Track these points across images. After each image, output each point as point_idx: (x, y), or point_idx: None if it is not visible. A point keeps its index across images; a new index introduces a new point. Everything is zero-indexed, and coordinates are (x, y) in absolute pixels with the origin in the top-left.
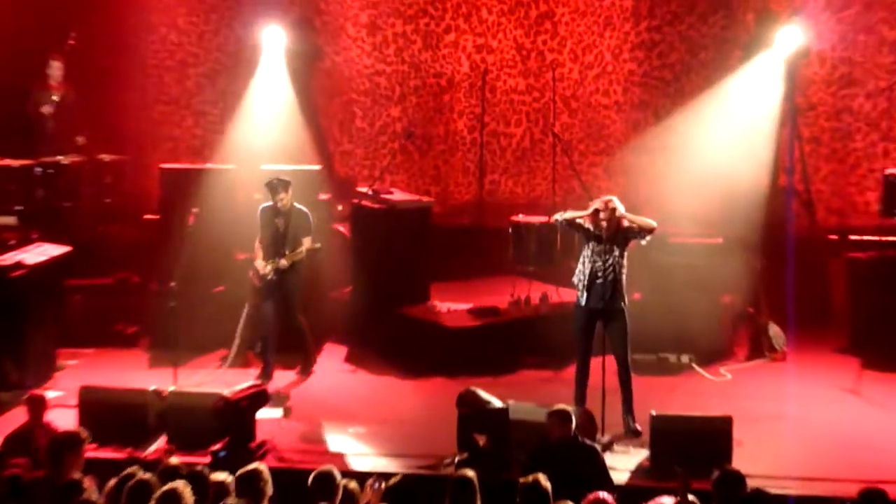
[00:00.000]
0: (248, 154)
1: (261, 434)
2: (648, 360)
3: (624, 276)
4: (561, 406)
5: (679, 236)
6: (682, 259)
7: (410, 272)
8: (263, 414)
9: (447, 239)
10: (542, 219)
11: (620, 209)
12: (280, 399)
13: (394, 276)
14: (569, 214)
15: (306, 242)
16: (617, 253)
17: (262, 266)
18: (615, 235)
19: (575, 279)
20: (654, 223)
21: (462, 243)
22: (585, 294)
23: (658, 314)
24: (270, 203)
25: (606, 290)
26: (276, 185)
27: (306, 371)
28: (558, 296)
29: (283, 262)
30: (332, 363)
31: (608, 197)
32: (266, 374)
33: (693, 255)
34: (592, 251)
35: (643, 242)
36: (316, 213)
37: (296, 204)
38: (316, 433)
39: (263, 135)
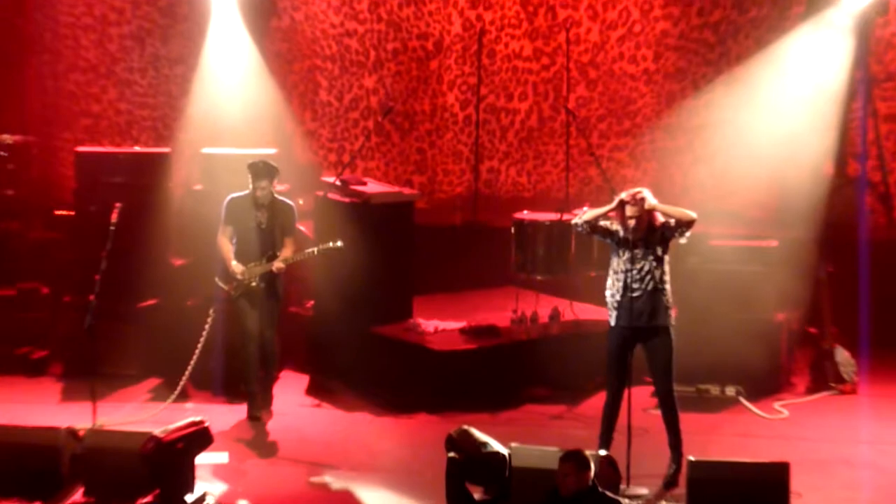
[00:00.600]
0: (186, 135)
1: (201, 485)
2: (685, 392)
3: (667, 285)
4: (576, 450)
5: (722, 238)
6: (725, 266)
7: (388, 282)
8: (205, 459)
9: (434, 241)
10: (553, 216)
11: (651, 201)
12: (226, 440)
13: (368, 286)
14: (590, 215)
15: (290, 244)
16: (653, 257)
17: (241, 270)
18: (649, 236)
19: (607, 294)
20: (692, 214)
21: (453, 247)
22: (617, 312)
23: (696, 336)
24: (244, 193)
25: (645, 305)
26: (260, 170)
27: (267, 405)
28: (572, 312)
29: (279, 265)
30: (290, 396)
31: (636, 188)
32: (256, 408)
33: (740, 261)
34: (623, 259)
35: (682, 240)
36: None
37: (278, 195)
38: (270, 484)
39: (205, 111)
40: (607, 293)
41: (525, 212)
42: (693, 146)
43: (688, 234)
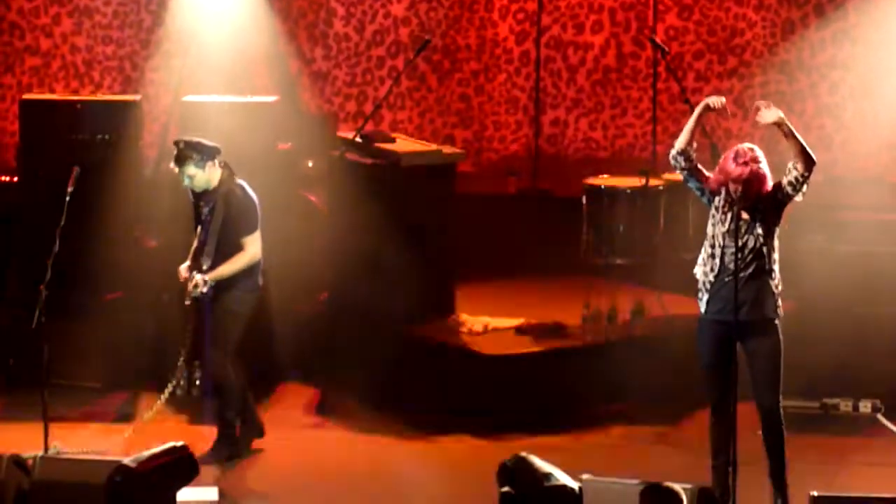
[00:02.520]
0: (161, 78)
1: None
2: (807, 409)
3: (776, 266)
4: (662, 483)
5: (855, 211)
6: (857, 248)
7: (424, 268)
8: (188, 495)
9: (483, 214)
10: (636, 182)
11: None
12: (215, 471)
13: (397, 274)
14: (682, 138)
15: (249, 245)
16: (763, 230)
17: (182, 273)
18: (759, 202)
19: (697, 272)
20: (811, 155)
21: (506, 222)
22: (709, 297)
23: (820, 337)
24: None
25: (747, 292)
26: (178, 155)
27: (220, 454)
28: (662, 307)
29: (199, 282)
30: (293, 414)
31: (747, 145)
32: (248, 433)
33: (877, 241)
34: (723, 229)
35: (799, 197)
36: (271, 175)
37: (237, 181)
38: None
39: (186, 46)
40: (697, 270)
41: (601, 176)
42: (817, 91)
43: (805, 187)
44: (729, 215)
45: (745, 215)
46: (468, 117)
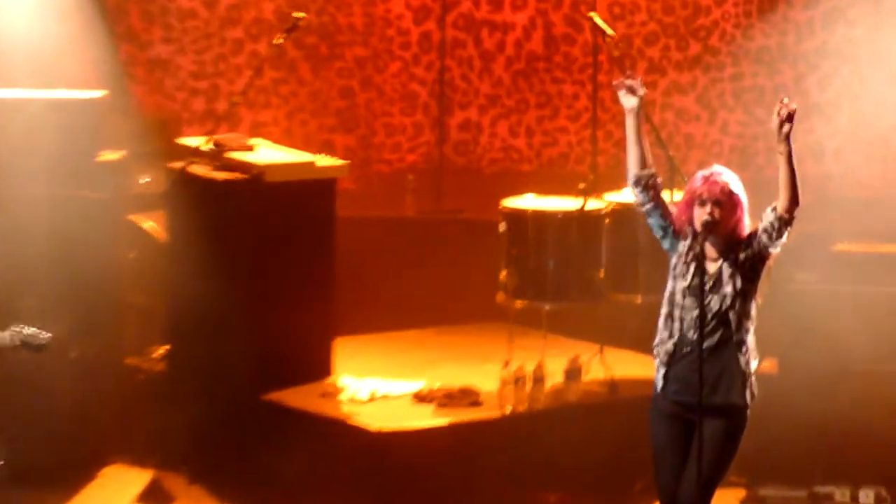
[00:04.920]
0: None
1: None
2: (791, 499)
3: (750, 335)
4: None
5: (851, 241)
6: (856, 287)
7: (293, 316)
8: None
9: (371, 244)
10: (571, 203)
11: (740, 195)
12: None
13: (256, 321)
14: (631, 162)
15: None
16: (730, 288)
17: None
18: (731, 249)
19: (656, 341)
20: (798, 192)
21: (402, 254)
22: (666, 373)
23: (809, 404)
24: None
25: (709, 368)
26: None
27: None
28: (604, 365)
29: None
30: None
31: (715, 169)
32: None
33: (881, 279)
34: (683, 284)
35: (774, 249)
36: (92, 193)
37: None
38: None
39: None
40: (657, 337)
41: (525, 196)
42: (804, 86)
43: (785, 236)
44: (692, 267)
45: (709, 266)
46: (352, 118)
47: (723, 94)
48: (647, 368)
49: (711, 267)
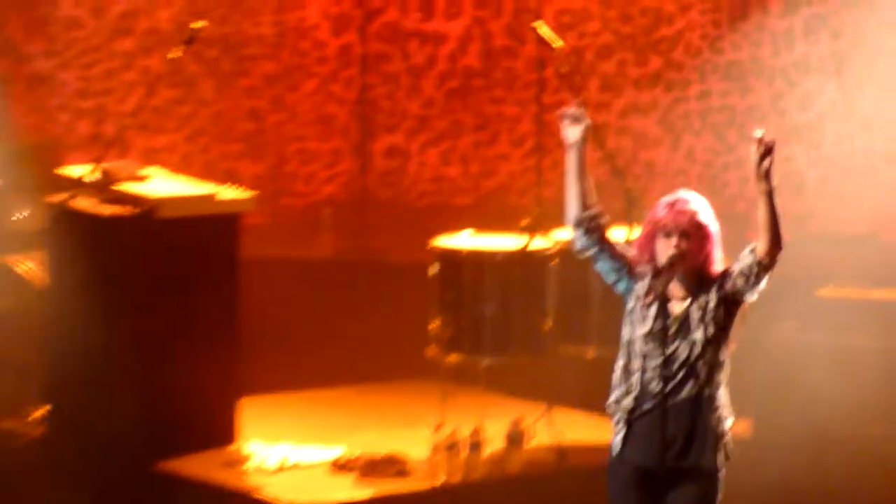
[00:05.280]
0: None
1: None
2: None
3: (721, 389)
4: None
5: (839, 286)
6: (844, 340)
7: (192, 369)
8: None
9: (283, 289)
10: (513, 242)
11: (710, 226)
12: None
13: (150, 379)
14: (571, 202)
15: None
16: (703, 333)
17: None
18: (699, 290)
19: (611, 397)
20: (781, 235)
21: (318, 300)
22: (626, 433)
23: (786, 472)
24: None
25: (677, 425)
26: None
27: None
28: (551, 430)
29: None
30: None
31: (682, 196)
32: None
33: (874, 330)
34: (643, 332)
35: (750, 296)
36: None
37: None
38: None
39: None
40: (612, 395)
41: (460, 234)
42: (782, 105)
43: (763, 282)
44: (654, 308)
45: (674, 308)
46: (260, 144)
47: (688, 116)
48: (600, 431)
49: (677, 308)
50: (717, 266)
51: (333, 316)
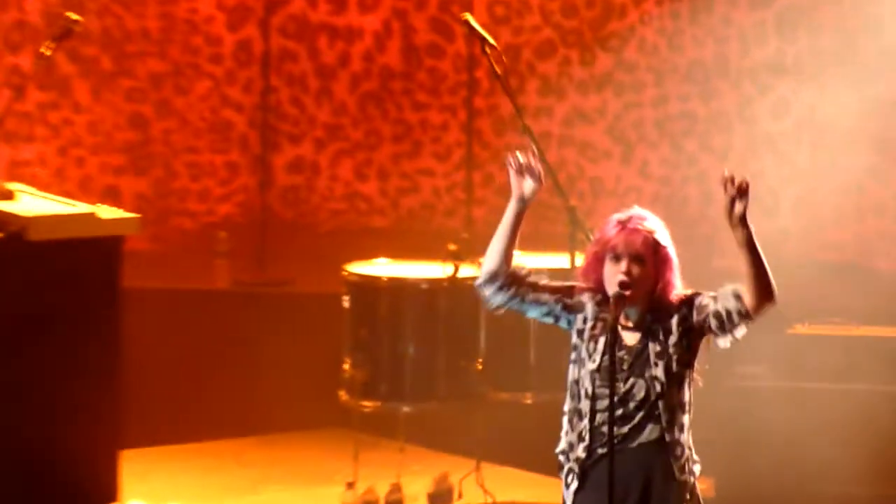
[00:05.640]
0: None
1: None
2: None
3: (684, 437)
4: None
5: (815, 322)
6: (821, 385)
7: (67, 418)
8: None
9: (172, 324)
10: (439, 271)
11: (668, 248)
12: None
13: (18, 428)
14: (493, 249)
15: None
16: (659, 369)
17: None
18: (656, 320)
19: (560, 446)
20: (773, 287)
21: (213, 337)
22: (578, 486)
23: None
24: None
25: (632, 471)
26: None
27: None
28: (481, 488)
29: None
30: None
31: (635, 213)
32: None
33: (860, 374)
34: (592, 368)
35: (724, 342)
36: None
37: None
38: None
39: None
40: (560, 443)
41: (377, 261)
42: (751, 113)
43: (741, 331)
44: (602, 341)
45: (627, 340)
46: (145, 156)
47: (642, 124)
48: (540, 490)
49: (629, 339)
50: (677, 294)
51: (230, 356)
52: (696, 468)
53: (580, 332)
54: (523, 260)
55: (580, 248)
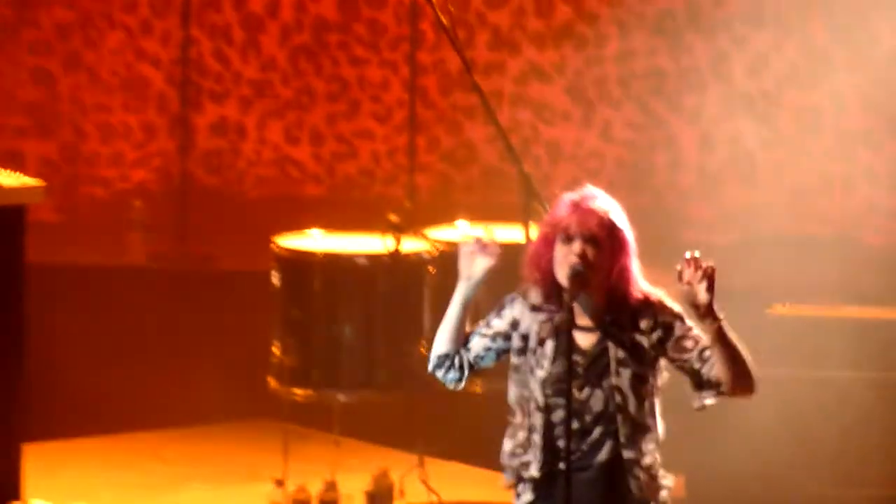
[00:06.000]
0: None
1: None
2: None
3: (649, 449)
4: None
5: (797, 302)
6: (803, 372)
7: None
8: None
9: (81, 303)
10: (377, 244)
11: (626, 232)
12: None
13: None
14: (442, 339)
15: None
16: (620, 378)
17: None
18: (617, 313)
19: (505, 448)
20: (752, 380)
21: (128, 318)
22: (532, 499)
23: None
24: None
25: (591, 490)
26: None
27: None
28: (424, 484)
29: None
30: None
31: (588, 192)
32: None
33: (839, 359)
34: (538, 367)
35: (698, 403)
36: None
37: None
38: None
39: None
40: (505, 446)
41: (308, 232)
42: (726, 69)
43: (714, 401)
44: (549, 346)
45: (581, 340)
46: (50, 116)
47: (605, 82)
48: (490, 488)
49: (584, 341)
50: (638, 288)
51: (147, 340)
52: (667, 482)
53: (520, 351)
54: (474, 231)
55: (535, 220)
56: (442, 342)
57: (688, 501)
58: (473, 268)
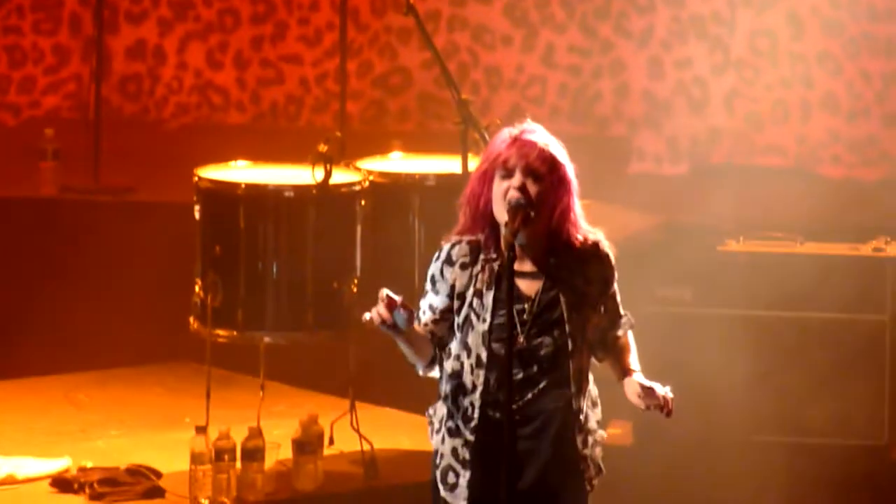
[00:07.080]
0: None
1: None
2: None
3: (592, 401)
4: None
5: (750, 238)
6: (755, 313)
7: None
8: None
9: None
10: (306, 176)
11: (567, 168)
12: None
13: None
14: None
15: None
16: (575, 325)
17: None
18: (563, 259)
19: (435, 407)
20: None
21: (38, 255)
22: (459, 455)
23: (672, 486)
24: None
25: (534, 453)
26: None
27: None
28: (356, 431)
29: None
30: None
31: (528, 126)
32: None
33: (792, 298)
34: (480, 319)
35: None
36: None
37: None
38: None
39: None
40: (440, 416)
41: (232, 164)
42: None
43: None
44: (489, 297)
45: (525, 287)
46: None
47: (547, 4)
48: (424, 434)
49: (528, 288)
50: (581, 230)
51: (59, 277)
52: (601, 435)
53: (458, 309)
54: (409, 164)
55: (473, 150)
56: (417, 361)
57: (634, 449)
58: (399, 322)
